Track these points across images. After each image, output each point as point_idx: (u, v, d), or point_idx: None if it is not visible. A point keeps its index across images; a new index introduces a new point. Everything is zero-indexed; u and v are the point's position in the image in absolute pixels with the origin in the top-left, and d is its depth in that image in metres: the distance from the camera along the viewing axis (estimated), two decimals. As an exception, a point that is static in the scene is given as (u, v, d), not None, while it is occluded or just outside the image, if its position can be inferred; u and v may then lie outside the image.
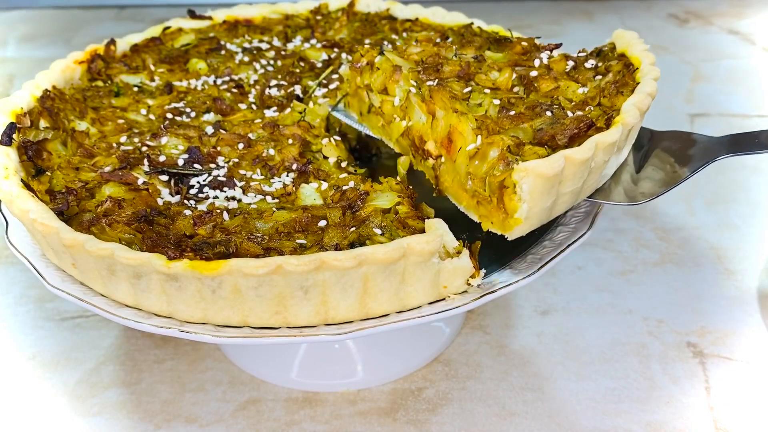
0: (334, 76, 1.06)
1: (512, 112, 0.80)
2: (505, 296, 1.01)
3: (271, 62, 1.10)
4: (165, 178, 0.84)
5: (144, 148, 0.90)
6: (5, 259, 1.11)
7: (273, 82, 1.04)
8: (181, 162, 0.87)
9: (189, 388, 0.89)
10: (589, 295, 1.03)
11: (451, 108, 0.80)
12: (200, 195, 0.82)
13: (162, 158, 0.88)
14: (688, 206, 1.21)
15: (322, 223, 0.76)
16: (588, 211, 0.84)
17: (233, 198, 0.82)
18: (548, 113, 0.79)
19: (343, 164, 0.89)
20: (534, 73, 0.87)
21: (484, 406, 0.86)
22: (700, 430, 0.83)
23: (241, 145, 0.90)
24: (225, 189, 0.83)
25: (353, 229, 0.75)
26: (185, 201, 0.81)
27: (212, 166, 0.87)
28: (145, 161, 0.86)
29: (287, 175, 0.86)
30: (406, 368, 0.91)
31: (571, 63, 0.90)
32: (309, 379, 0.89)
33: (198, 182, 0.84)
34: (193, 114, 0.98)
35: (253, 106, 1.00)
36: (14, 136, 0.86)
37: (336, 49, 1.13)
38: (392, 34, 1.16)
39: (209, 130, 0.93)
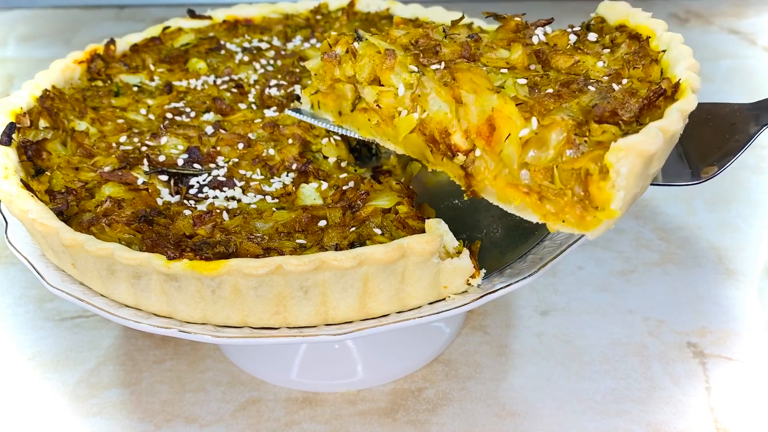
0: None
1: (549, 90, 0.70)
2: (506, 296, 1.01)
3: (271, 62, 1.10)
4: (165, 178, 0.84)
5: (144, 148, 0.90)
6: (5, 259, 1.11)
7: (273, 82, 1.04)
8: (180, 162, 0.87)
9: (189, 388, 0.89)
10: (590, 296, 1.02)
11: (490, 89, 0.69)
12: (200, 195, 0.82)
13: (162, 158, 0.88)
14: (688, 206, 1.21)
15: (322, 223, 0.76)
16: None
17: (233, 198, 0.82)
18: (590, 88, 0.70)
19: (343, 164, 0.89)
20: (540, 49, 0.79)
21: (485, 407, 0.86)
22: (700, 430, 0.82)
23: (240, 145, 0.90)
24: (225, 189, 0.83)
25: (353, 229, 0.75)
26: (185, 201, 0.81)
27: (212, 166, 0.87)
28: (145, 161, 0.86)
29: (287, 175, 0.86)
30: (406, 368, 0.90)
31: (573, 37, 0.82)
32: (309, 380, 0.89)
33: (198, 182, 0.84)
34: (192, 114, 0.98)
35: (253, 106, 1.00)
36: (14, 136, 0.86)
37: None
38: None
39: (209, 129, 0.92)
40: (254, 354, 0.91)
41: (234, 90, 1.03)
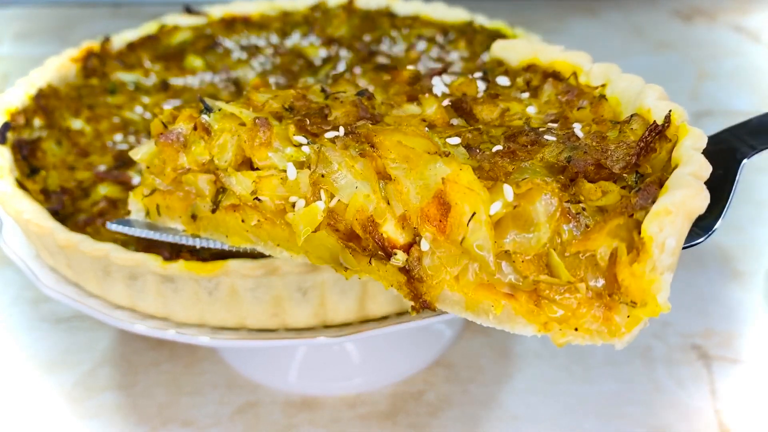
0: (332, 73, 1.05)
1: (498, 147, 0.55)
2: (507, 297, 1.00)
3: (269, 59, 1.09)
4: (161, 177, 0.83)
5: (140, 147, 0.88)
6: (0, 260, 1.10)
7: (271, 80, 1.03)
8: (177, 161, 0.86)
9: (185, 391, 0.88)
10: (593, 296, 1.01)
11: (432, 152, 0.51)
12: (197, 195, 0.81)
13: (158, 157, 0.86)
14: (692, 205, 1.20)
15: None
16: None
17: (230, 198, 0.80)
18: (548, 138, 0.56)
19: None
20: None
21: (486, 410, 0.85)
22: (706, 434, 0.81)
23: (238, 144, 0.88)
24: (222, 188, 0.82)
25: (353, 229, 0.73)
26: (181, 201, 0.80)
27: (209, 165, 0.86)
28: (141, 160, 0.85)
29: (286, 175, 0.84)
30: (407, 371, 0.89)
31: (481, 84, 0.69)
32: (307, 382, 0.88)
33: (194, 182, 0.83)
34: (190, 112, 0.96)
35: (251, 104, 0.98)
36: (8, 134, 0.84)
37: (335, 46, 1.12)
38: (392, 30, 1.15)
39: (206, 128, 0.91)
40: (252, 357, 0.90)
41: (231, 87, 1.01)
